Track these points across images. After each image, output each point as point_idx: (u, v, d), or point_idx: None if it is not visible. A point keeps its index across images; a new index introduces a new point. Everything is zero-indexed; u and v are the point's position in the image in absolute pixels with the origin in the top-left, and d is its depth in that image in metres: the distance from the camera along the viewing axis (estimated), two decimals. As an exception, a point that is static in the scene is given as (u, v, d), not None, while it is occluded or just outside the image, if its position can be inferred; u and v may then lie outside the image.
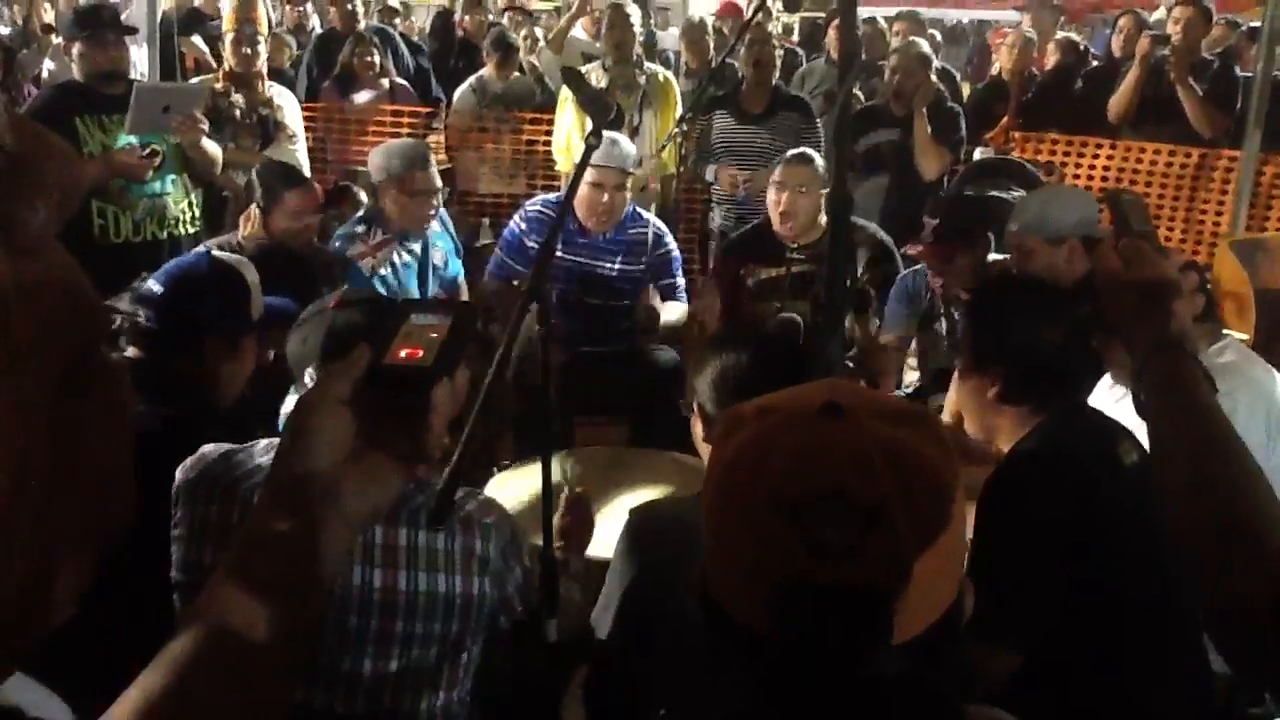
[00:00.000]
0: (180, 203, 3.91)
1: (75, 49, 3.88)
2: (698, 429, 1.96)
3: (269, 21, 5.10)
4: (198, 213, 4.00)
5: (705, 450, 2.04)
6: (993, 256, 3.28)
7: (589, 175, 3.50)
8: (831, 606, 0.81)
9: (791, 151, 3.88)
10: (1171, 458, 1.12)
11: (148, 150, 3.75)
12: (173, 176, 3.88)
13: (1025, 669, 1.79)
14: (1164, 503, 1.11)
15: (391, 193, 3.61)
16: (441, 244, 3.85)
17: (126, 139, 3.71)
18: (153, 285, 2.19)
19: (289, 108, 4.61)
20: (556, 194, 4.68)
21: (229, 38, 4.49)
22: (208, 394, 2.18)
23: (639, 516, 1.92)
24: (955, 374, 3.01)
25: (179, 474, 1.72)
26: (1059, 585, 1.80)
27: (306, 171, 4.52)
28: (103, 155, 3.67)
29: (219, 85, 4.42)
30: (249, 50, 4.42)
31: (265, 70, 4.60)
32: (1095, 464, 1.88)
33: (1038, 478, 1.88)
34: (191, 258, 2.31)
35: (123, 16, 4.33)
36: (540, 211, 3.90)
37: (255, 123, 4.42)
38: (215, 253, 2.44)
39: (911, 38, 5.58)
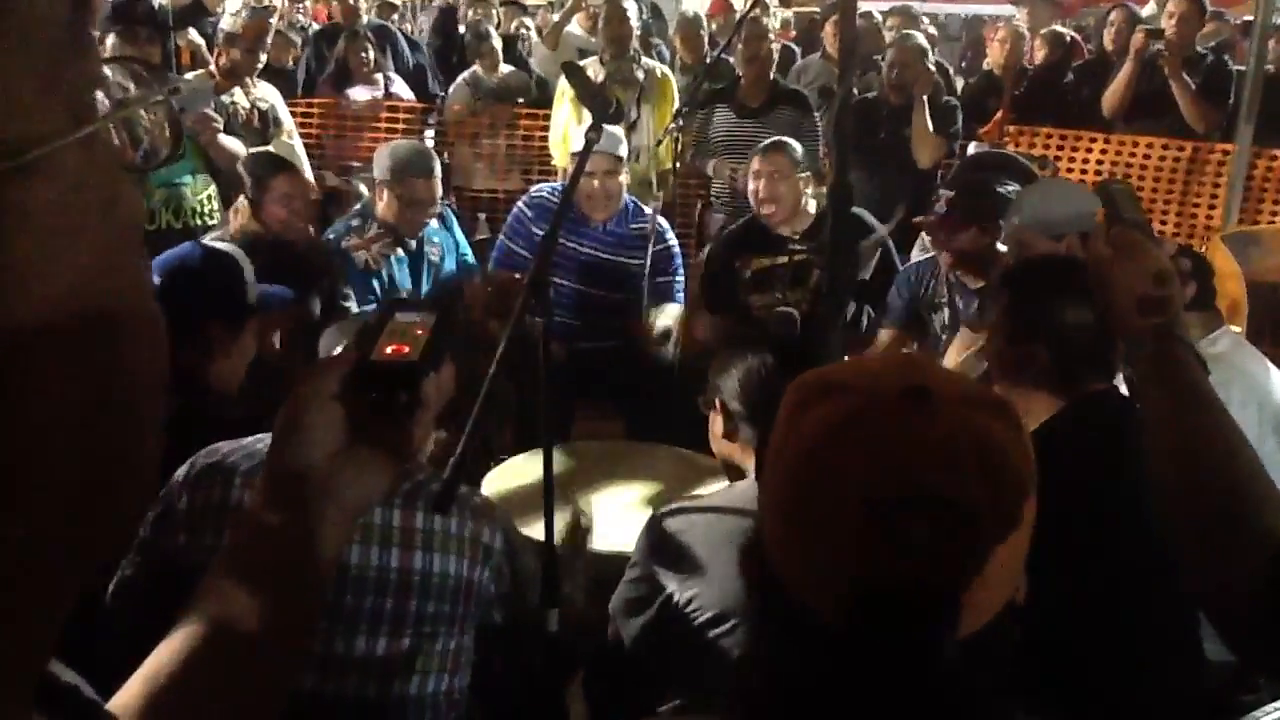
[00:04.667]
0: (199, 194, 3.92)
1: (108, 42, 3.88)
2: (716, 426, 1.97)
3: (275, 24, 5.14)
4: (217, 205, 4.01)
5: (722, 447, 2.04)
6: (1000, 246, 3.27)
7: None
8: (908, 605, 0.77)
9: (766, 141, 3.91)
10: (1167, 444, 1.14)
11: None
12: (191, 166, 3.89)
13: (1022, 648, 1.80)
14: (1158, 488, 1.13)
15: (388, 195, 3.61)
16: (439, 239, 3.86)
17: None
18: None
19: (278, 104, 4.63)
20: (562, 181, 4.70)
21: (241, 42, 4.49)
22: (211, 383, 2.19)
23: (662, 516, 1.91)
24: (957, 339, 3.04)
25: (186, 467, 1.74)
26: (1070, 564, 1.81)
27: (306, 165, 4.55)
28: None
29: (215, 82, 4.44)
30: (259, 54, 4.43)
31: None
32: (1114, 447, 1.86)
33: (1056, 456, 1.88)
34: (183, 248, 2.31)
35: None
36: (545, 198, 3.91)
37: (257, 120, 4.44)
38: (205, 241, 2.44)
39: (908, 30, 5.60)
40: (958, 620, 0.79)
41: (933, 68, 5.03)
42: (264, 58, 4.53)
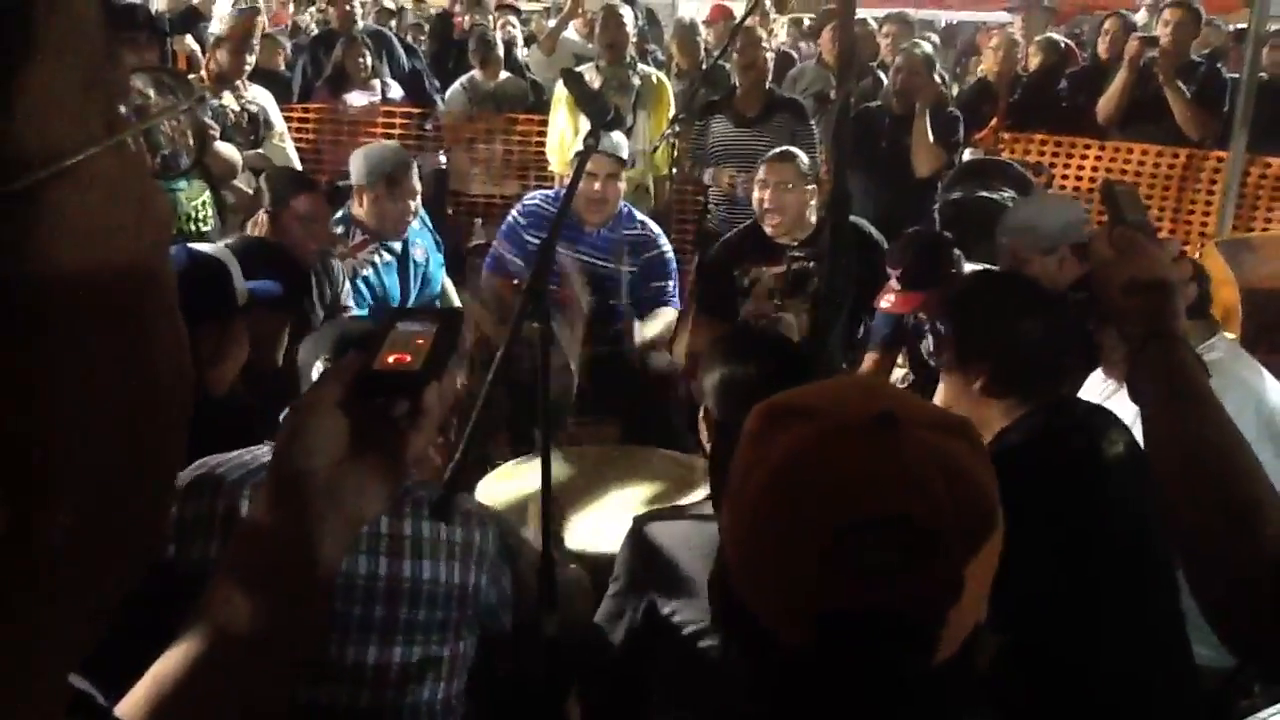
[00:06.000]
0: (194, 200, 3.91)
1: None
2: (703, 431, 1.97)
3: (262, 25, 5.14)
4: (211, 211, 4.01)
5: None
6: (970, 266, 3.28)
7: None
8: (879, 630, 0.77)
9: (774, 150, 3.90)
10: (1167, 443, 1.14)
11: None
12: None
13: (1007, 660, 1.79)
14: (1159, 487, 1.13)
15: (368, 199, 3.62)
16: (421, 240, 3.87)
17: None
18: None
19: (269, 106, 4.64)
20: (556, 189, 4.70)
21: (227, 44, 4.50)
22: (202, 386, 2.19)
23: (644, 526, 1.90)
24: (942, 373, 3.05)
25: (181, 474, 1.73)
26: (1038, 572, 1.81)
27: (298, 168, 4.55)
28: None
29: (206, 87, 4.44)
30: (247, 56, 4.44)
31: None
32: (1076, 452, 1.88)
33: (1016, 466, 1.89)
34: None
35: None
36: (539, 205, 3.91)
37: (247, 123, 4.45)
38: (190, 245, 2.44)
39: (917, 39, 5.61)
40: (931, 645, 0.78)
41: (938, 79, 5.04)
42: (252, 59, 4.53)
